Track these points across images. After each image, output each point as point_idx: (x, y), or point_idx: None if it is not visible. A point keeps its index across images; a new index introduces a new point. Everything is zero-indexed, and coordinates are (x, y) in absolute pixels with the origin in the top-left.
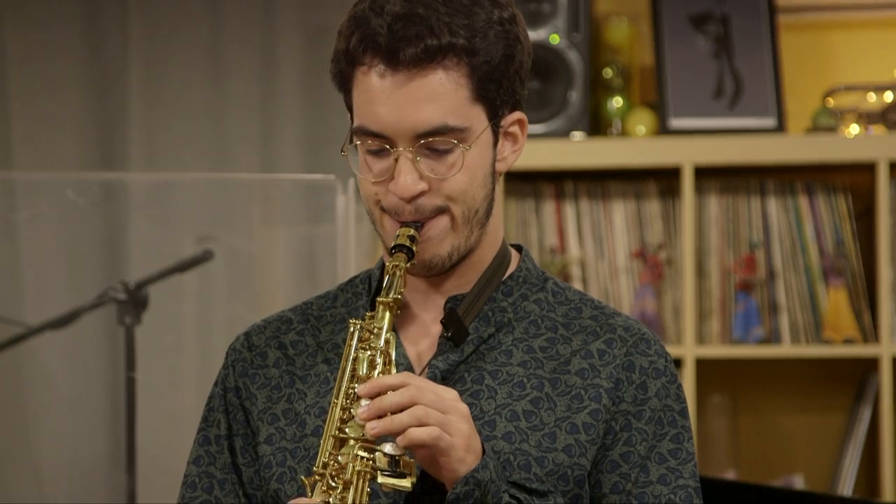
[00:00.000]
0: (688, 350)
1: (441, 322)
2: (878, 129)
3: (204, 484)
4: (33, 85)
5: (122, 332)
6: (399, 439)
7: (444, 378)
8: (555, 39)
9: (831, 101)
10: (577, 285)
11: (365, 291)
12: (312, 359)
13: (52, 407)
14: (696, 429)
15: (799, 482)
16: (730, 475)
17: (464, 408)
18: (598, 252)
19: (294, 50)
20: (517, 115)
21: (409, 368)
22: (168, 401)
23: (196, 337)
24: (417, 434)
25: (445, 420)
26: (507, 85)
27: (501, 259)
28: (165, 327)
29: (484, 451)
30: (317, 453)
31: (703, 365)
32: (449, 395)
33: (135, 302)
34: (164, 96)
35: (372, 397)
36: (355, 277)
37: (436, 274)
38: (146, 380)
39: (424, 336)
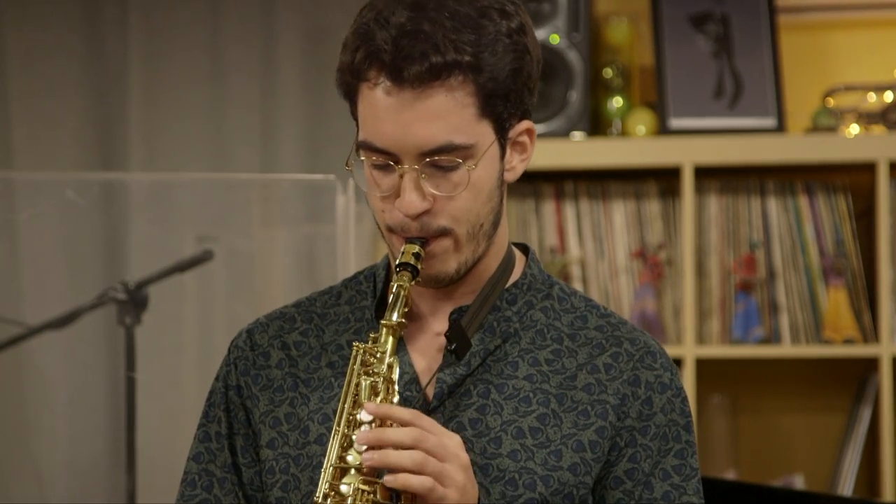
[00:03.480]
0: (688, 350)
1: (445, 335)
2: (878, 129)
3: (203, 482)
4: (33, 85)
5: (122, 332)
6: (391, 478)
7: (451, 392)
8: (555, 39)
9: (831, 101)
10: (577, 285)
11: (370, 291)
12: (316, 361)
13: (51, 407)
14: (696, 429)
15: (799, 482)
16: (730, 475)
17: (465, 458)
18: (598, 252)
19: (294, 50)
20: (525, 124)
21: (416, 380)
22: (168, 401)
23: (196, 337)
24: (410, 482)
25: (443, 470)
26: (514, 97)
27: (505, 266)
28: (165, 327)
29: (479, 500)
30: (320, 463)
31: (703, 365)
32: (452, 441)
33: (135, 302)
34: (164, 96)
35: (376, 419)
36: (359, 274)
37: (444, 286)
38: (146, 380)
39: (432, 347)
